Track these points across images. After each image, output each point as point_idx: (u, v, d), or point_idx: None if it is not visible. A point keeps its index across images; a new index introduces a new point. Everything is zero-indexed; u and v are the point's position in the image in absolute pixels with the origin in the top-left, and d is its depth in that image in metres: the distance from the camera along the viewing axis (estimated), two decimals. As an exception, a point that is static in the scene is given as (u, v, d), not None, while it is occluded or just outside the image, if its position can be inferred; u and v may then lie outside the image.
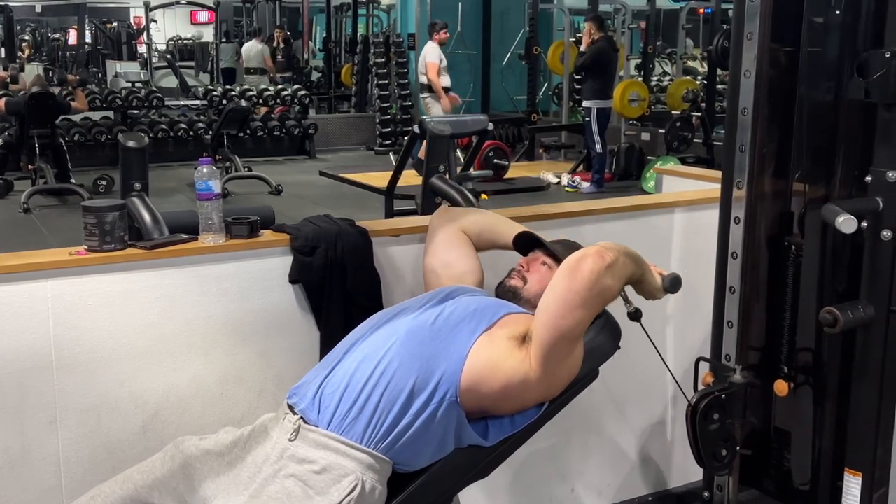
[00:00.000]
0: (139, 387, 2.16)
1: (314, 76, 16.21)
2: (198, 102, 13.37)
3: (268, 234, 2.32)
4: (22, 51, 16.70)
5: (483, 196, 7.08)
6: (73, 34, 18.52)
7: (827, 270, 2.08)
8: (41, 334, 2.05)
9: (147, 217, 2.37)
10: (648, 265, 2.00)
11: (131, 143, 2.50)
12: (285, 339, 2.31)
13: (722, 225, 2.14)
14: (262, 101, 12.25)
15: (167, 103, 12.71)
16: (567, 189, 9.27)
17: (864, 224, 1.87)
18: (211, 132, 10.34)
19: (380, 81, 12.62)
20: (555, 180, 9.47)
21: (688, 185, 3.36)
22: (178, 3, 18.19)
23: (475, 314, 1.94)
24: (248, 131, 11.08)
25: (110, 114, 11.47)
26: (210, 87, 12.95)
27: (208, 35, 18.63)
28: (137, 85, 14.07)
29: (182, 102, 14.04)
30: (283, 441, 1.82)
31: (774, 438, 2.24)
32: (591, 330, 1.95)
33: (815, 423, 2.15)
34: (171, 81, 16.68)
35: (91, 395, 2.11)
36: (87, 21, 17.78)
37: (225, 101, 11.42)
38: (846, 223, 1.81)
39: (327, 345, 2.20)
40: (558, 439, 2.76)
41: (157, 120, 11.24)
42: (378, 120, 12.53)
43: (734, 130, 2.08)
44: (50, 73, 14.00)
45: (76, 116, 10.34)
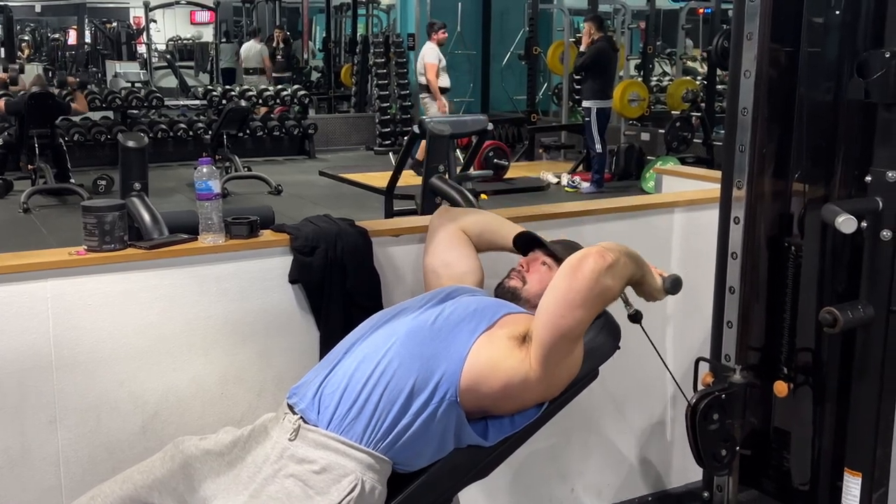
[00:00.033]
0: (139, 387, 2.16)
1: (314, 76, 16.21)
2: (197, 102, 13.38)
3: (267, 234, 2.32)
4: (21, 51, 16.70)
5: (483, 196, 7.08)
6: (73, 34, 18.50)
7: (827, 270, 2.08)
8: (41, 334, 2.05)
9: (147, 217, 2.37)
10: (649, 266, 2.00)
11: (131, 143, 2.50)
12: (285, 339, 2.30)
13: (721, 225, 2.14)
14: (261, 101, 12.25)
15: (167, 103, 12.72)
16: (567, 189, 9.27)
17: (864, 224, 1.87)
18: (210, 132, 10.33)
19: (379, 81, 12.62)
20: (554, 180, 9.47)
21: (687, 185, 3.36)
22: (177, 3, 18.18)
23: (475, 314, 1.94)
24: (248, 131, 11.08)
25: (110, 114, 11.49)
26: (210, 87, 12.96)
27: (208, 35, 18.63)
28: (137, 85, 14.07)
29: (182, 102, 14.05)
30: (282, 441, 1.82)
31: (774, 438, 2.24)
32: (591, 330, 1.95)
33: (814, 424, 2.15)
34: (170, 81, 16.69)
35: (91, 395, 2.11)
36: (86, 21, 17.76)
37: (224, 102, 11.43)
38: (846, 223, 1.81)
39: (327, 345, 2.21)
40: (558, 439, 2.76)
41: (156, 120, 11.24)
42: (378, 120, 12.53)
43: (734, 130, 2.08)
44: (50, 74, 14.00)
45: (76, 116, 10.35)
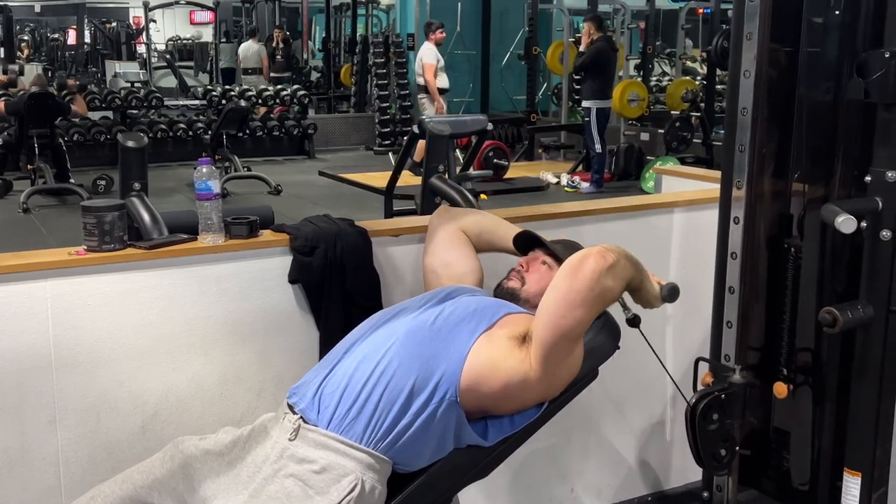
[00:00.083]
0: (138, 387, 2.16)
1: (313, 76, 16.21)
2: (197, 102, 13.38)
3: (267, 234, 2.32)
4: (21, 51, 16.70)
5: (482, 196, 7.08)
6: (73, 34, 18.50)
7: (826, 271, 2.07)
8: (40, 334, 2.05)
9: (146, 217, 2.37)
10: (647, 273, 2.00)
11: (130, 143, 2.50)
12: (285, 339, 2.30)
13: (721, 225, 2.14)
14: (261, 101, 12.25)
15: (166, 103, 12.73)
16: (566, 189, 9.27)
17: (864, 224, 1.87)
18: (210, 132, 10.32)
19: (379, 81, 12.62)
20: (554, 180, 9.47)
21: (687, 185, 3.36)
22: (177, 3, 18.18)
23: (475, 314, 1.94)
24: (248, 131, 11.08)
25: (109, 114, 11.49)
26: (209, 87, 12.96)
27: (207, 35, 18.63)
28: (136, 85, 14.07)
29: (181, 102, 14.05)
30: (282, 441, 1.82)
31: (774, 438, 2.24)
32: (591, 330, 1.95)
33: (814, 424, 2.14)
34: (170, 81, 16.69)
35: (90, 395, 2.11)
36: (86, 21, 17.77)
37: (224, 101, 11.43)
38: (845, 223, 1.81)
39: (327, 345, 2.21)
40: (558, 439, 2.76)
41: (156, 120, 11.24)
42: (377, 120, 12.53)
43: (733, 130, 2.08)
44: (49, 74, 14.00)
45: (75, 118, 10.34)
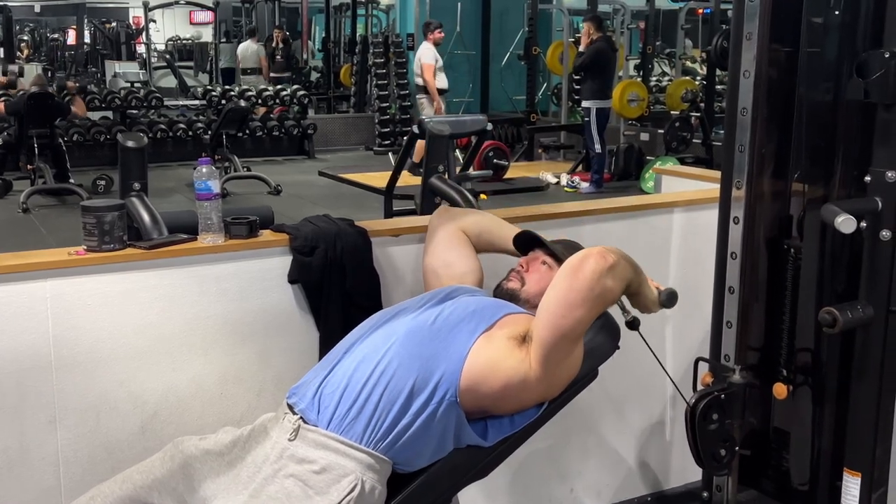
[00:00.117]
0: (138, 387, 2.16)
1: (313, 76, 16.21)
2: (197, 102, 13.39)
3: (267, 234, 2.32)
4: (21, 51, 16.70)
5: (482, 196, 7.07)
6: (72, 34, 18.51)
7: (826, 271, 2.07)
8: (40, 334, 2.05)
9: (146, 217, 2.38)
10: (646, 277, 2.00)
11: (130, 143, 2.50)
12: (284, 339, 2.30)
13: (721, 225, 2.14)
14: (260, 101, 12.25)
15: (166, 103, 12.73)
16: (566, 189, 9.26)
17: (864, 224, 1.87)
18: (210, 132, 10.32)
19: (379, 81, 12.62)
20: (554, 180, 9.47)
21: (687, 185, 3.36)
22: (177, 3, 18.19)
23: (475, 314, 1.94)
24: (247, 131, 11.07)
25: (109, 114, 11.48)
26: (209, 88, 12.95)
27: (207, 35, 18.64)
28: (136, 85, 14.08)
29: (181, 102, 14.06)
30: (282, 441, 1.82)
31: (773, 438, 2.24)
32: (590, 330, 1.95)
33: (814, 424, 2.14)
34: (170, 81, 16.69)
35: (90, 395, 2.11)
36: (85, 21, 17.78)
37: (224, 102, 11.42)
38: (845, 223, 1.81)
39: (326, 345, 2.21)
40: (557, 439, 2.76)
41: (156, 120, 11.24)
42: (377, 120, 12.53)
43: (733, 131, 2.08)
44: (49, 74, 13.99)
45: (74, 119, 10.33)
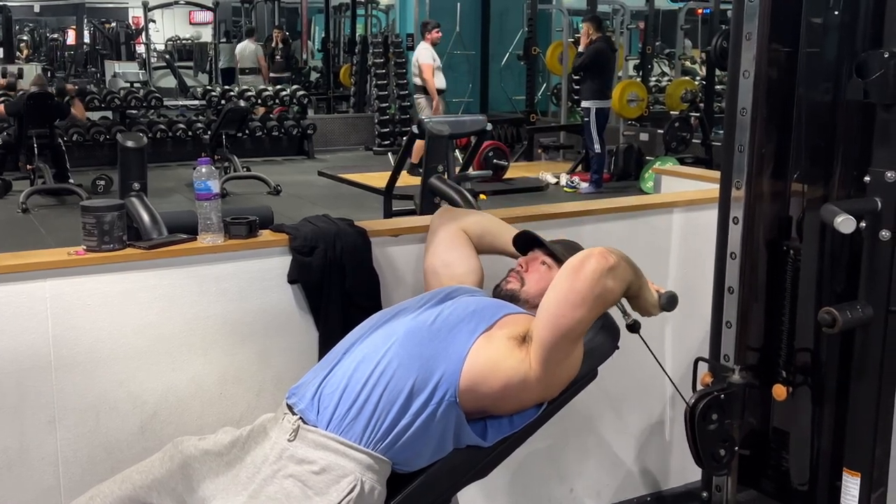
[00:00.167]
0: (138, 387, 2.16)
1: (313, 76, 16.21)
2: (196, 103, 13.39)
3: (266, 234, 2.32)
4: (20, 51, 16.70)
5: (482, 196, 7.07)
6: (72, 34, 18.52)
7: (825, 271, 2.07)
8: (40, 334, 2.05)
9: (146, 217, 2.38)
10: (646, 280, 2.00)
11: (130, 143, 2.50)
12: (284, 340, 2.30)
13: (720, 225, 2.14)
14: (260, 101, 12.25)
15: (166, 103, 12.73)
16: (566, 189, 9.26)
17: (863, 224, 1.87)
18: (209, 132, 10.33)
19: (378, 82, 12.62)
20: (553, 181, 9.47)
21: (686, 185, 3.36)
22: (176, 3, 18.19)
23: (474, 315, 1.94)
24: (247, 131, 11.07)
25: (109, 114, 11.48)
26: (208, 88, 12.96)
27: (207, 35, 18.63)
28: (136, 85, 14.07)
29: (180, 103, 14.07)
30: (282, 441, 1.82)
31: (773, 439, 2.24)
32: (590, 330, 1.95)
33: (813, 424, 2.14)
34: (169, 82, 16.70)
35: (90, 395, 2.11)
36: (85, 21, 17.79)
37: (223, 102, 11.42)
38: (845, 223, 1.81)
39: (326, 345, 2.21)
40: (557, 440, 2.76)
41: (155, 120, 11.23)
42: (377, 120, 12.53)
43: (733, 131, 2.08)
44: (49, 74, 13.99)
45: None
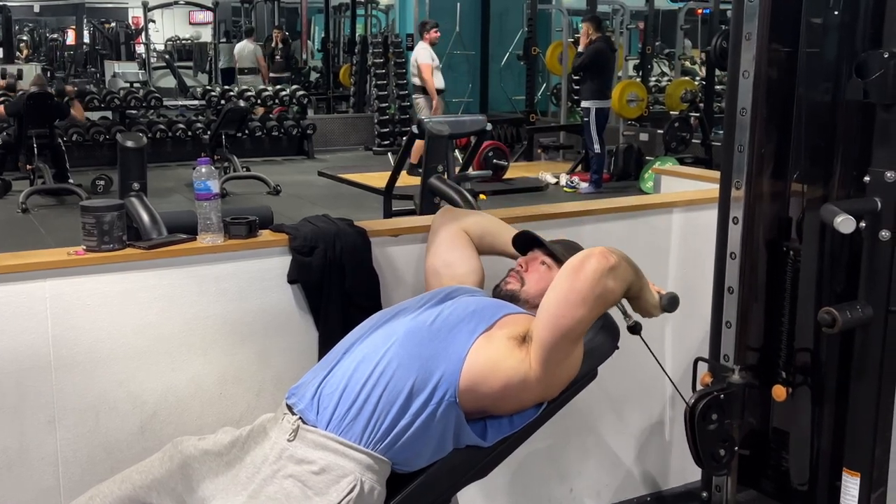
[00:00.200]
0: (137, 387, 2.16)
1: (312, 76, 16.21)
2: (196, 103, 13.39)
3: (266, 234, 2.32)
4: (20, 51, 16.70)
5: (481, 196, 7.07)
6: (72, 34, 18.52)
7: (825, 271, 2.07)
8: (39, 334, 2.05)
9: (145, 217, 2.38)
10: (647, 281, 2.00)
11: (129, 144, 2.50)
12: (284, 340, 2.30)
13: (720, 225, 2.14)
14: (260, 101, 12.25)
15: (165, 103, 12.73)
16: (565, 189, 9.27)
17: (863, 224, 1.87)
18: (209, 132, 10.33)
19: (378, 82, 12.62)
20: (553, 181, 9.47)
21: (686, 185, 3.36)
22: (176, 3, 18.18)
23: (474, 315, 1.94)
24: (247, 131, 11.07)
25: (108, 114, 11.48)
26: (208, 88, 12.96)
27: (206, 35, 18.63)
28: (136, 85, 14.06)
29: (180, 103, 14.07)
30: (281, 441, 1.82)
31: (773, 439, 2.24)
32: (590, 330, 1.95)
33: (813, 424, 2.14)
34: (169, 82, 16.71)
35: (89, 395, 2.11)
36: (85, 21, 17.78)
37: (223, 102, 11.42)
38: (844, 223, 1.81)
39: (326, 345, 2.21)
40: (557, 440, 2.76)
41: (155, 120, 11.23)
42: (376, 120, 12.53)
43: (733, 131, 2.08)
44: (48, 74, 13.99)
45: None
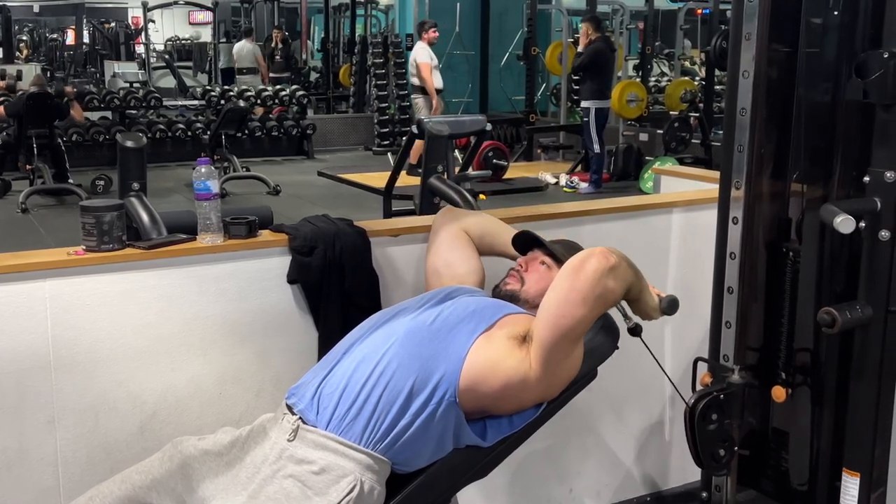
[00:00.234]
0: (137, 387, 2.16)
1: (312, 76, 16.21)
2: (196, 103, 13.39)
3: (266, 235, 2.32)
4: (20, 51, 16.70)
5: (481, 196, 7.07)
6: (71, 34, 18.50)
7: (825, 271, 2.07)
8: (39, 334, 2.05)
9: (145, 217, 2.38)
10: (647, 284, 2.00)
11: (129, 144, 2.51)
12: (283, 340, 2.30)
13: (720, 225, 2.14)
14: (259, 101, 12.24)
15: (165, 103, 12.73)
16: (565, 189, 9.27)
17: (862, 224, 1.87)
18: (209, 132, 10.33)
19: (378, 82, 12.62)
20: (553, 181, 9.47)
21: (686, 185, 3.36)
22: (176, 3, 18.18)
23: (474, 315, 1.94)
24: (246, 132, 11.07)
25: (108, 114, 11.48)
26: (208, 88, 12.95)
27: (206, 35, 18.63)
28: (135, 85, 14.07)
29: (180, 103, 14.07)
30: (281, 441, 1.82)
31: (772, 439, 2.24)
32: (590, 330, 1.95)
33: (813, 424, 2.14)
34: (169, 82, 16.70)
35: (89, 395, 2.11)
36: (84, 21, 17.77)
37: (223, 102, 11.42)
38: (844, 223, 1.81)
39: (325, 345, 2.21)
40: (556, 440, 2.76)
41: (155, 120, 11.23)
42: (376, 120, 12.53)
43: (732, 131, 2.08)
44: (48, 74, 13.99)
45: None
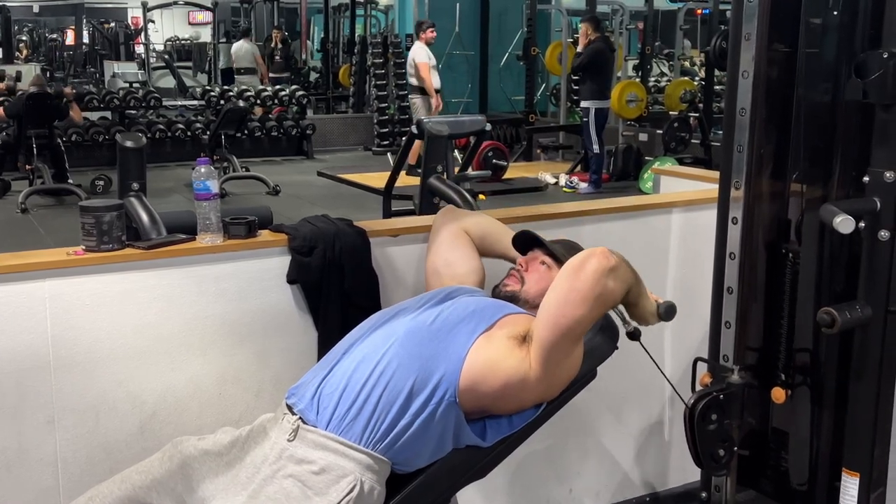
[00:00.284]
0: (137, 387, 2.16)
1: (312, 76, 16.21)
2: (195, 103, 13.39)
3: (266, 235, 2.32)
4: (20, 51, 16.71)
5: (481, 196, 7.06)
6: (71, 34, 18.52)
7: (824, 271, 2.08)
8: (39, 334, 2.05)
9: (145, 217, 2.38)
10: (645, 288, 2.00)
11: (129, 144, 2.50)
12: (283, 340, 2.30)
13: (719, 225, 2.14)
14: (259, 101, 12.24)
15: (165, 104, 12.73)
16: (565, 189, 9.27)
17: (862, 224, 1.87)
18: (208, 132, 10.33)
19: (377, 82, 12.63)
20: (552, 181, 9.47)
21: (685, 185, 3.36)
22: (175, 3, 18.17)
23: (474, 315, 1.94)
24: (246, 132, 11.08)
25: (108, 114, 11.48)
26: (208, 88, 12.95)
27: (206, 35, 18.63)
28: (135, 85, 14.07)
29: (180, 103, 14.07)
30: (281, 441, 1.82)
31: (772, 439, 2.24)
32: (590, 330, 1.95)
33: (812, 424, 2.14)
34: (168, 82, 16.70)
35: (89, 395, 2.11)
36: (84, 21, 17.78)
37: (223, 102, 11.42)
38: (843, 223, 1.81)
39: (325, 345, 2.21)
40: (556, 440, 2.76)
41: (154, 120, 11.24)
42: (376, 120, 12.53)
43: (732, 131, 2.08)
44: (48, 74, 13.99)
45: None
